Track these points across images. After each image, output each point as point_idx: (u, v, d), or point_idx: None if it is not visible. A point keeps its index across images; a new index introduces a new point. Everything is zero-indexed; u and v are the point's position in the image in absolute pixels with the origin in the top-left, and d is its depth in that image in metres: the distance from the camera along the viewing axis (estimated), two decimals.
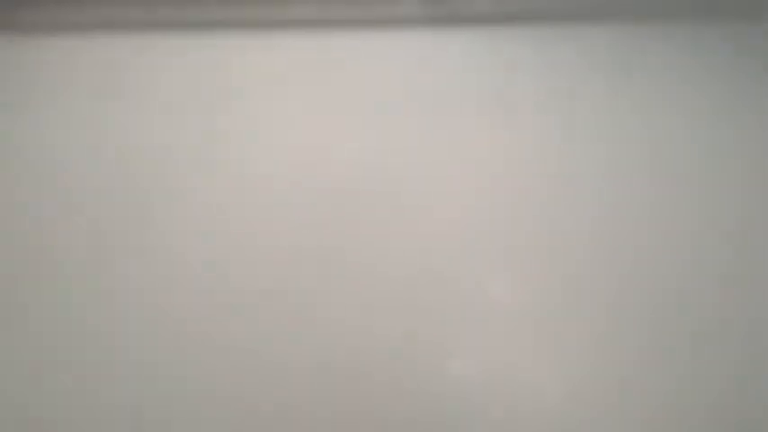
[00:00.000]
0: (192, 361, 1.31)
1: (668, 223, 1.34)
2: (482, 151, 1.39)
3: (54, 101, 1.43)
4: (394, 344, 1.30)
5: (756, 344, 1.29)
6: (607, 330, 1.30)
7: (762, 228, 1.33)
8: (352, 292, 1.32)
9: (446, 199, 1.37)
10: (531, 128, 1.40)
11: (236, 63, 1.44)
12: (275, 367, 1.30)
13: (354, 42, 1.44)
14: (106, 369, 1.31)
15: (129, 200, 1.38)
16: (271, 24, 1.45)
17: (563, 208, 1.35)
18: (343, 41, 1.45)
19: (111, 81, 1.44)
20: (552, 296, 1.32)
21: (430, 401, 1.28)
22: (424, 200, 1.37)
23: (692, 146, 1.38)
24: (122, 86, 1.44)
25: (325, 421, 1.27)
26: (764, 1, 1.42)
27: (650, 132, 1.38)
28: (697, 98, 1.40)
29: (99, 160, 1.40)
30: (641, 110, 1.40)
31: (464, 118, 1.40)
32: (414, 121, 1.41)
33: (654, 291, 1.31)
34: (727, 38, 1.42)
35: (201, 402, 1.29)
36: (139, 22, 1.46)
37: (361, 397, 1.28)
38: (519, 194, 1.37)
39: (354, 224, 1.36)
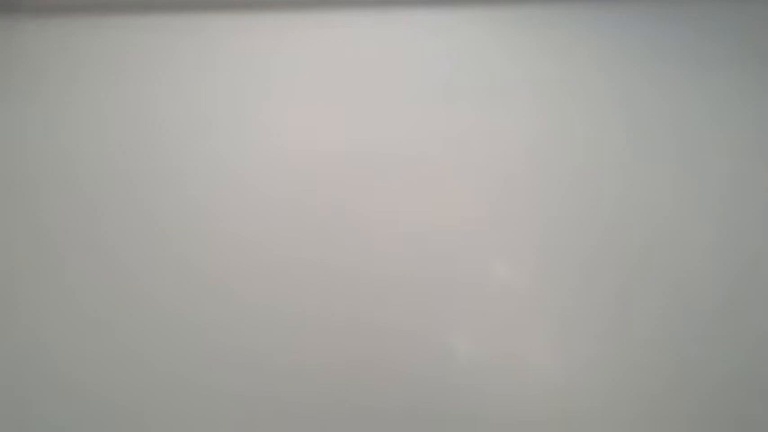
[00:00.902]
0: (193, 353, 1.30)
1: (676, 210, 1.34)
2: (487, 135, 1.39)
3: (58, 83, 1.43)
4: (400, 327, 1.30)
5: (765, 334, 1.28)
6: (615, 316, 1.30)
7: None
8: (357, 277, 1.33)
9: (450, 183, 1.37)
10: (536, 111, 1.40)
11: (246, 44, 1.44)
12: (279, 348, 1.29)
13: (347, 22, 1.45)
14: (107, 362, 1.30)
15: (131, 185, 1.38)
16: (277, 5, 1.45)
17: (573, 193, 1.35)
18: (332, 20, 1.45)
19: (117, 64, 1.44)
20: (561, 281, 1.31)
21: (435, 385, 1.27)
22: (424, 187, 1.38)
23: (702, 130, 1.38)
24: (128, 70, 1.43)
25: (330, 411, 1.27)
26: None
27: (666, 117, 1.39)
28: (709, 81, 1.40)
29: (103, 144, 1.40)
30: (661, 93, 1.40)
31: (467, 102, 1.41)
32: (408, 105, 1.42)
33: (661, 278, 1.31)
34: (738, 18, 1.42)
35: (202, 397, 1.28)
36: (145, 4, 1.45)
37: (365, 382, 1.28)
38: (524, 180, 1.37)
39: (352, 213, 1.36)
